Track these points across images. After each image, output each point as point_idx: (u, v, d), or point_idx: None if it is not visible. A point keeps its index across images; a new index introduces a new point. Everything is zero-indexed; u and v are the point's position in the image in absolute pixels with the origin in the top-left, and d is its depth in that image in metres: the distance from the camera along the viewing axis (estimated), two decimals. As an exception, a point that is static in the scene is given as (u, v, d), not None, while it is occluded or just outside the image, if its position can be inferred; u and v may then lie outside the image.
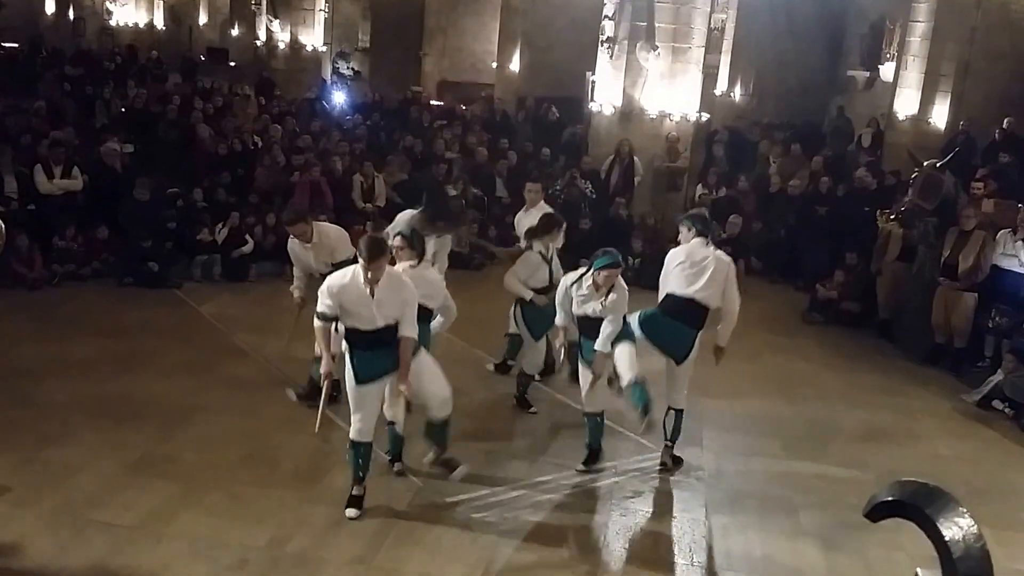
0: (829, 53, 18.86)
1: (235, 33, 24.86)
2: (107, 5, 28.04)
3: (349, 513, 5.45)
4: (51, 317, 8.64)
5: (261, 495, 5.61)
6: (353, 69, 23.60)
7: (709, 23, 12.84)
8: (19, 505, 5.29)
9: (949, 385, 8.58)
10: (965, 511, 1.97)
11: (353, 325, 5.30)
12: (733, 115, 17.84)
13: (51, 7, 28.34)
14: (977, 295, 8.79)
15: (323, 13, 21.01)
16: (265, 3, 21.65)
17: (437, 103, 18.92)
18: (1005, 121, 13.38)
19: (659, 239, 11.60)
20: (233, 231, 10.33)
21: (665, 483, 6.25)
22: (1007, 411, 7.84)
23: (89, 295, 9.37)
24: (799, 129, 16.58)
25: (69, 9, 28.09)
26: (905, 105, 14.55)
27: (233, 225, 10.35)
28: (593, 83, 13.47)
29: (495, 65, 20.21)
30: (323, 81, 20.61)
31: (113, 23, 27.89)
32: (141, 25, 27.75)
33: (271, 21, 20.93)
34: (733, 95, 19.12)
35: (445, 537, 5.30)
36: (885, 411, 7.89)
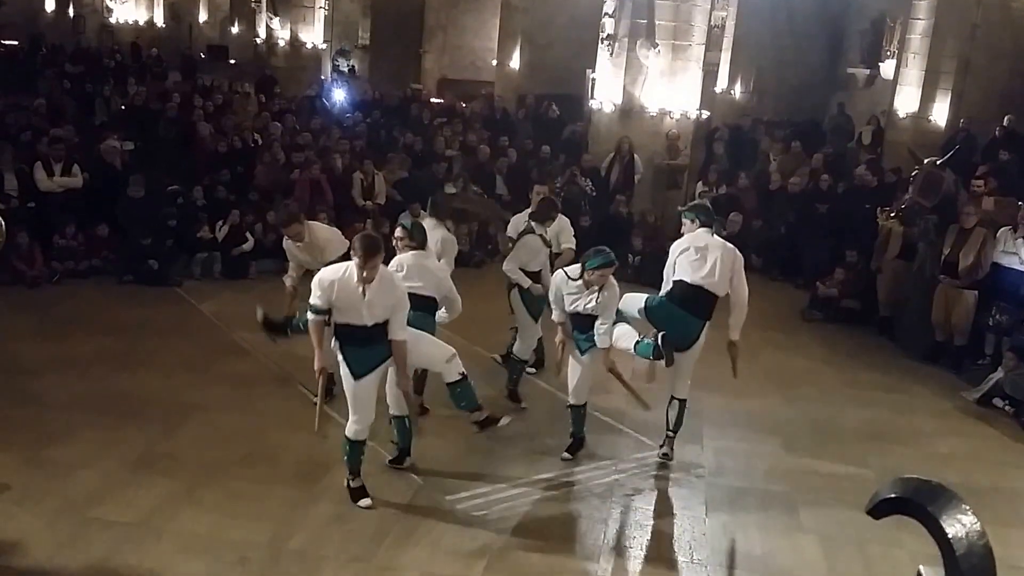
0: (829, 50, 18.84)
1: (235, 31, 24.84)
2: (107, 3, 28.00)
3: (363, 503, 5.48)
4: (51, 315, 8.64)
5: (261, 493, 5.61)
6: (351, 67, 23.56)
7: (709, 20, 12.81)
8: (20, 503, 5.29)
9: (949, 383, 8.57)
10: (968, 508, 1.97)
11: (344, 320, 5.28)
12: (733, 112, 17.82)
13: (51, 5, 28.35)
14: (977, 293, 8.78)
15: (323, 10, 20.98)
16: (265, 1, 21.62)
17: (437, 101, 18.90)
18: (1005, 119, 13.37)
19: (659, 237, 11.59)
20: (233, 229, 10.33)
21: (665, 480, 6.25)
22: (1007, 409, 7.84)
23: (89, 293, 9.37)
24: (799, 126, 16.56)
25: (69, 7, 28.09)
26: (905, 102, 14.53)
27: (233, 223, 10.35)
28: (593, 81, 13.46)
29: (495, 63, 20.18)
30: (323, 79, 20.59)
31: (113, 21, 27.86)
32: (141, 22, 27.71)
33: (271, 18, 20.90)
34: (733, 92, 19.08)
35: (445, 535, 5.31)
36: (885, 409, 7.89)
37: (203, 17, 27.54)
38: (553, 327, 6.32)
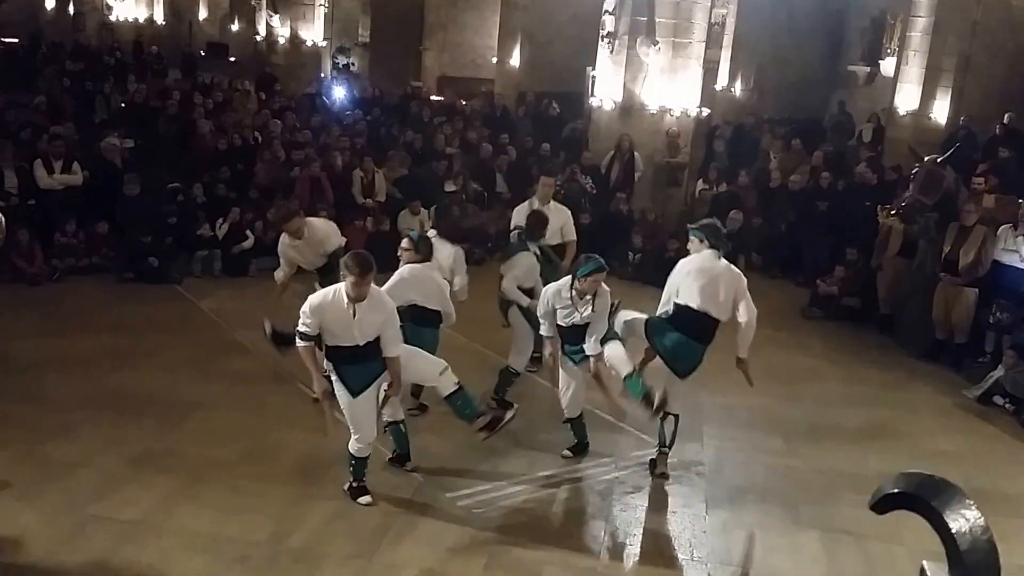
0: (830, 48, 18.83)
1: (235, 28, 24.82)
2: (107, 0, 27.98)
3: (363, 500, 5.50)
4: (51, 312, 8.64)
5: (262, 490, 5.61)
6: (350, 64, 23.52)
7: (709, 18, 12.79)
8: (20, 500, 5.29)
9: (949, 381, 8.56)
10: (972, 503, 1.96)
11: (335, 343, 5.28)
12: (734, 110, 17.81)
13: (51, 2, 28.33)
14: (978, 291, 8.77)
15: (323, 8, 20.97)
16: (265, -2, 21.62)
17: (437, 98, 18.88)
18: (1006, 116, 13.35)
19: (659, 235, 11.59)
20: (233, 226, 10.33)
21: (665, 478, 6.24)
22: (1007, 407, 7.84)
23: (89, 290, 9.36)
24: (800, 124, 16.53)
25: (69, 4, 28.06)
26: (906, 100, 14.52)
27: (234, 220, 10.35)
28: (593, 78, 13.44)
29: (495, 60, 20.16)
30: (323, 76, 20.58)
31: (113, 18, 27.84)
32: (141, 20, 27.69)
33: (271, 16, 20.89)
34: (734, 90, 19.07)
35: (446, 532, 5.31)
36: (885, 407, 7.89)
37: (203, 15, 27.50)
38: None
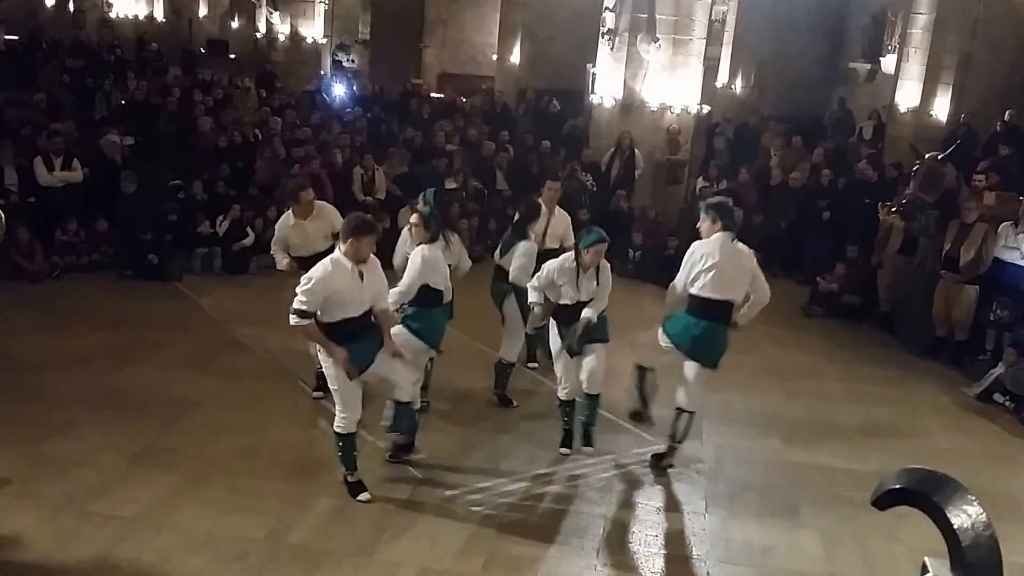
0: (830, 45, 18.81)
1: (235, 25, 24.78)
2: (107, -3, 27.95)
3: (362, 497, 5.49)
4: (51, 309, 8.64)
5: (261, 487, 5.61)
6: (351, 60, 23.50)
7: (710, 15, 12.76)
8: (20, 497, 5.29)
9: (950, 378, 8.56)
10: (974, 499, 1.96)
11: (339, 316, 5.22)
12: (734, 107, 17.79)
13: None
14: (978, 288, 8.76)
15: (323, 5, 20.94)
16: (265, -5, 21.59)
17: (437, 95, 18.87)
18: (1007, 113, 13.34)
19: (659, 232, 11.59)
20: (234, 224, 10.32)
21: (665, 476, 6.24)
22: (1008, 404, 7.83)
23: (89, 288, 9.36)
24: (800, 121, 16.50)
25: (69, 1, 28.00)
26: (906, 97, 14.51)
27: (234, 218, 10.34)
28: (594, 75, 13.42)
29: (495, 57, 20.15)
30: (323, 74, 20.56)
31: (113, 15, 27.79)
32: (141, 17, 27.65)
33: (271, 13, 20.85)
34: (734, 87, 19.06)
35: (445, 530, 5.30)
36: (885, 404, 7.89)
37: (203, 12, 27.46)
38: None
